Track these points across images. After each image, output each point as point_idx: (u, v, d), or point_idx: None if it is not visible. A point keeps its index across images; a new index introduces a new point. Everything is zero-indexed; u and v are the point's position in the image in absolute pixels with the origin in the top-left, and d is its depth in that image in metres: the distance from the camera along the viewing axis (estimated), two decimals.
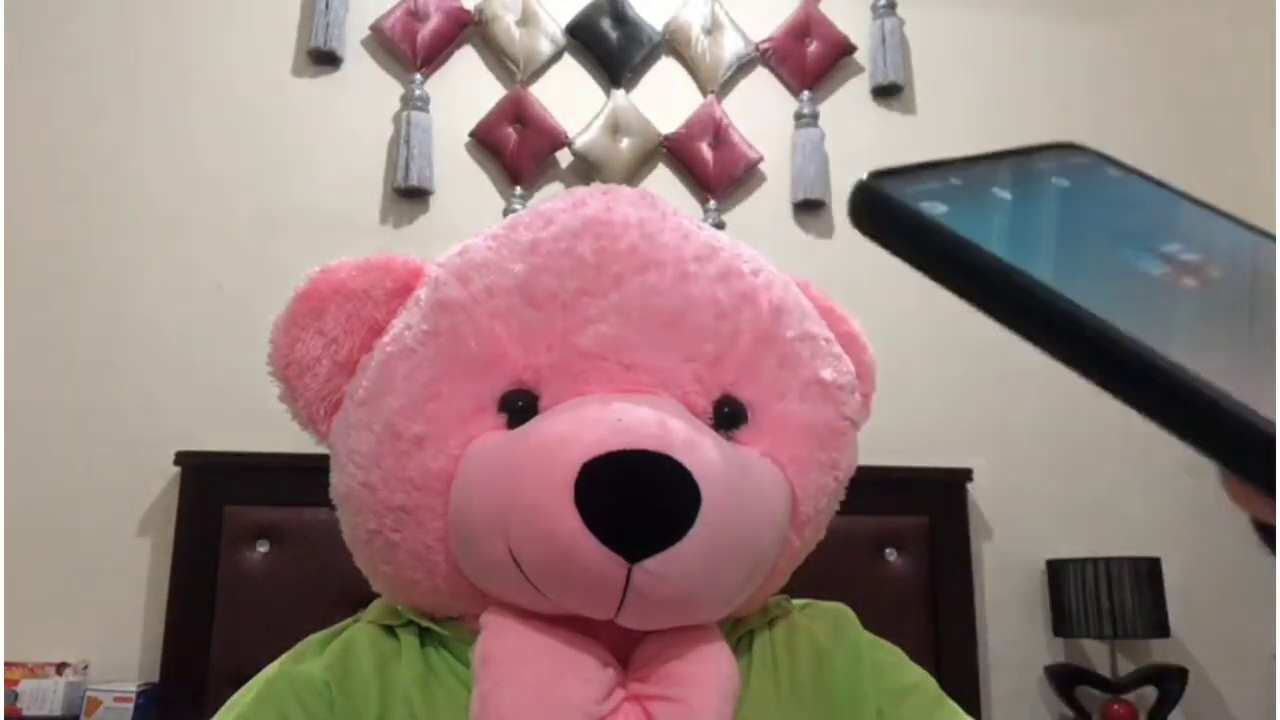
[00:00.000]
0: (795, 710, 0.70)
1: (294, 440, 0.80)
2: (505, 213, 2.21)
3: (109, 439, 2.07)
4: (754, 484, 0.66)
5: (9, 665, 1.87)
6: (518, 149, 2.28)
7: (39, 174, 2.17)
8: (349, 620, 0.74)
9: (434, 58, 2.31)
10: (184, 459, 2.00)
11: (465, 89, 2.33)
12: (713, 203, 2.33)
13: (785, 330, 0.72)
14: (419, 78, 2.29)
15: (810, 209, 2.36)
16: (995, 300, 0.24)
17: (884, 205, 0.26)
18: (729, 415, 0.69)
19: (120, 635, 1.99)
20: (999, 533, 2.28)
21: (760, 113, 2.40)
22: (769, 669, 0.72)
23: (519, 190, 2.28)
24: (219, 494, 1.98)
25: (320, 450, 0.75)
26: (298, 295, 0.73)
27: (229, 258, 2.18)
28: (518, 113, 2.30)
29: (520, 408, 0.67)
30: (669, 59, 2.43)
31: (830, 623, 0.76)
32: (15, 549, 1.98)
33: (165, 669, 1.90)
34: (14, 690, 1.85)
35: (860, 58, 2.46)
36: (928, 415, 2.22)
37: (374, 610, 0.74)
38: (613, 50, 2.37)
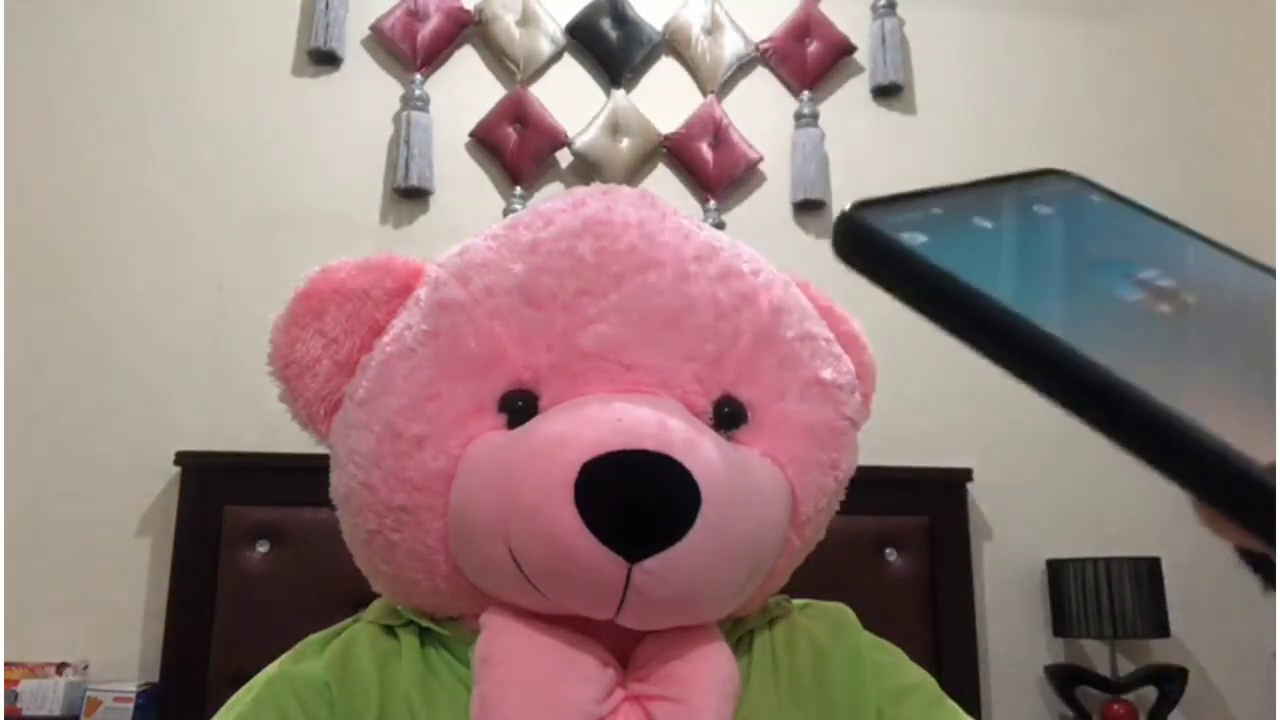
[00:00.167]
0: (795, 710, 0.70)
1: (294, 440, 0.80)
2: (505, 213, 2.21)
3: (109, 439, 2.07)
4: (754, 484, 0.66)
5: (9, 665, 1.87)
6: (518, 149, 2.28)
7: (39, 174, 2.17)
8: (349, 620, 0.74)
9: (434, 58, 2.31)
10: (184, 459, 2.00)
11: (465, 89, 2.33)
12: (713, 203, 2.33)
13: (785, 330, 0.72)
14: (419, 78, 2.29)
15: (810, 209, 2.36)
16: (969, 329, 0.25)
17: (865, 236, 0.26)
18: (729, 415, 0.69)
19: (120, 635, 1.99)
20: (999, 533, 2.28)
21: (760, 113, 2.40)
22: (769, 669, 0.72)
23: (519, 190, 2.27)
24: (219, 494, 1.98)
25: (320, 450, 0.75)
26: (298, 295, 0.73)
27: (229, 258, 2.18)
28: (518, 113, 2.30)
29: (520, 408, 0.67)
30: (669, 59, 2.43)
31: (830, 623, 0.76)
32: (15, 549, 1.98)
33: (165, 669, 1.90)
34: (14, 690, 1.85)
35: (860, 58, 2.46)
36: (928, 415, 2.22)
37: (374, 610, 0.74)
38: (613, 50, 2.37)
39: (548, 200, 0.76)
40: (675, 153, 2.35)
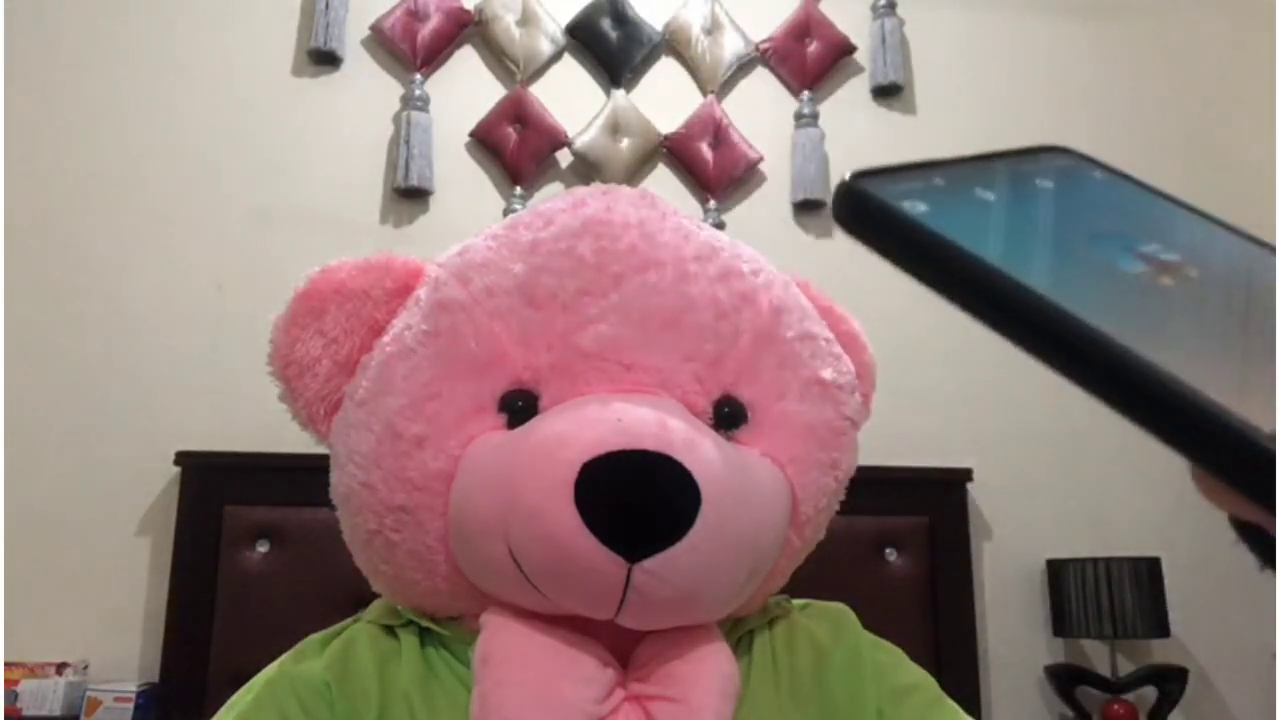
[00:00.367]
0: (795, 710, 0.70)
1: (294, 440, 0.80)
2: (505, 213, 2.21)
3: (109, 439, 2.07)
4: (754, 484, 0.66)
5: (9, 665, 1.87)
6: (518, 149, 2.28)
7: (39, 174, 2.17)
8: (349, 620, 0.74)
9: (434, 58, 2.31)
10: (184, 459, 2.00)
11: (465, 89, 2.33)
12: (713, 203, 2.33)
13: (785, 330, 0.72)
14: (419, 78, 2.29)
15: (810, 209, 2.36)
16: (970, 296, 0.25)
17: (865, 204, 0.26)
18: (729, 415, 0.69)
19: (120, 635, 1.99)
20: (999, 533, 2.28)
21: (760, 113, 2.40)
22: (769, 669, 0.72)
23: (519, 190, 2.27)
24: (219, 494, 1.98)
25: (320, 450, 0.75)
26: (298, 295, 0.73)
27: (229, 258, 2.18)
28: (518, 113, 2.30)
29: (520, 408, 0.67)
30: (669, 59, 2.43)
31: (830, 623, 0.76)
32: (15, 549, 1.98)
33: (165, 669, 1.90)
34: (14, 690, 1.85)
35: (860, 58, 2.46)
36: (928, 415, 2.22)
37: (374, 610, 0.74)
38: (613, 50, 2.37)
39: (548, 200, 0.76)
40: (675, 153, 2.35)
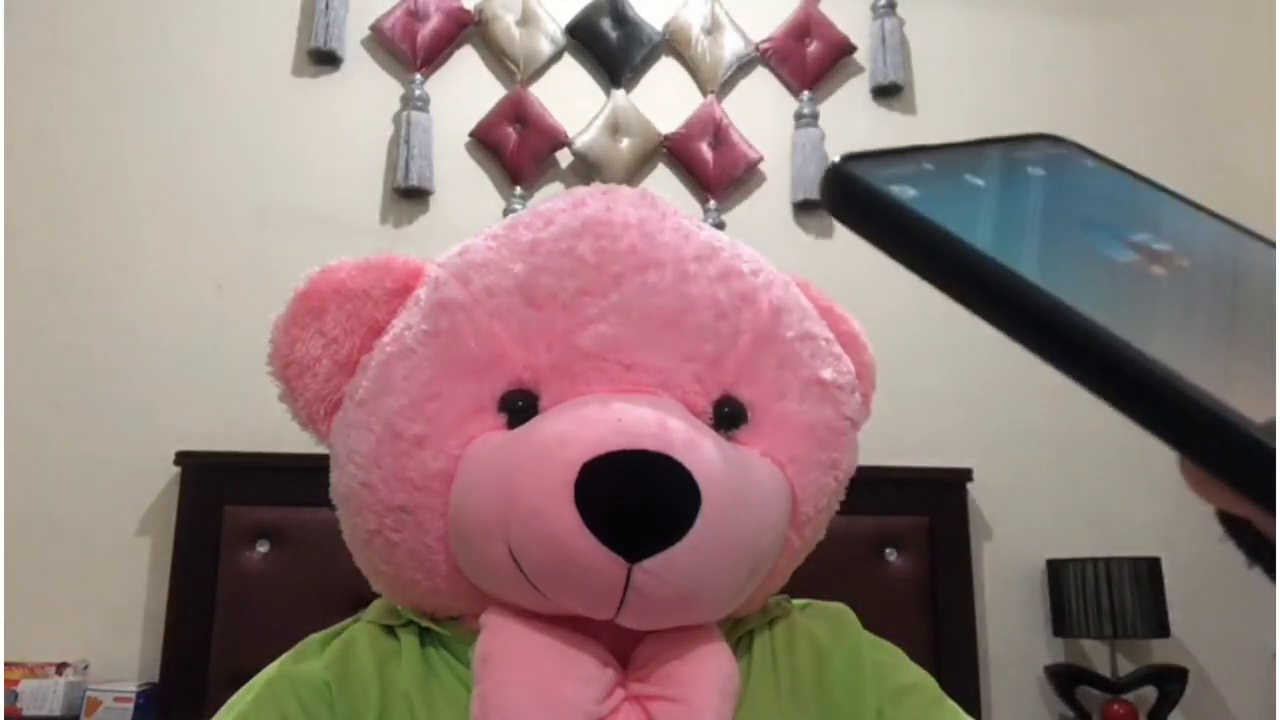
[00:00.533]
0: (795, 710, 0.70)
1: (294, 440, 0.80)
2: (505, 213, 2.21)
3: (109, 439, 2.07)
4: (754, 484, 0.66)
5: (9, 665, 1.87)
6: (518, 149, 2.28)
7: (39, 174, 2.17)
8: (349, 620, 0.74)
9: (434, 58, 2.31)
10: (184, 459, 2.00)
11: (465, 89, 2.33)
12: (713, 203, 2.33)
13: (785, 330, 0.72)
14: (419, 78, 2.29)
15: (810, 209, 2.36)
16: (955, 281, 0.24)
17: (853, 187, 0.26)
18: (729, 415, 0.69)
19: (120, 635, 1.99)
20: (999, 533, 2.28)
21: (760, 113, 2.40)
22: (769, 669, 0.72)
23: (519, 190, 2.28)
24: (219, 494, 1.98)
25: (320, 450, 0.75)
26: (298, 295, 0.73)
27: (229, 258, 2.18)
28: (518, 113, 2.30)
29: (520, 408, 0.67)
30: (669, 59, 2.43)
31: (830, 623, 0.76)
32: (15, 549, 1.98)
33: (165, 669, 1.90)
34: (14, 690, 1.85)
35: (860, 58, 2.46)
36: (928, 415, 2.22)
37: (374, 610, 0.74)
38: (613, 50, 2.37)
39: (548, 200, 0.76)
40: (675, 153, 2.35)
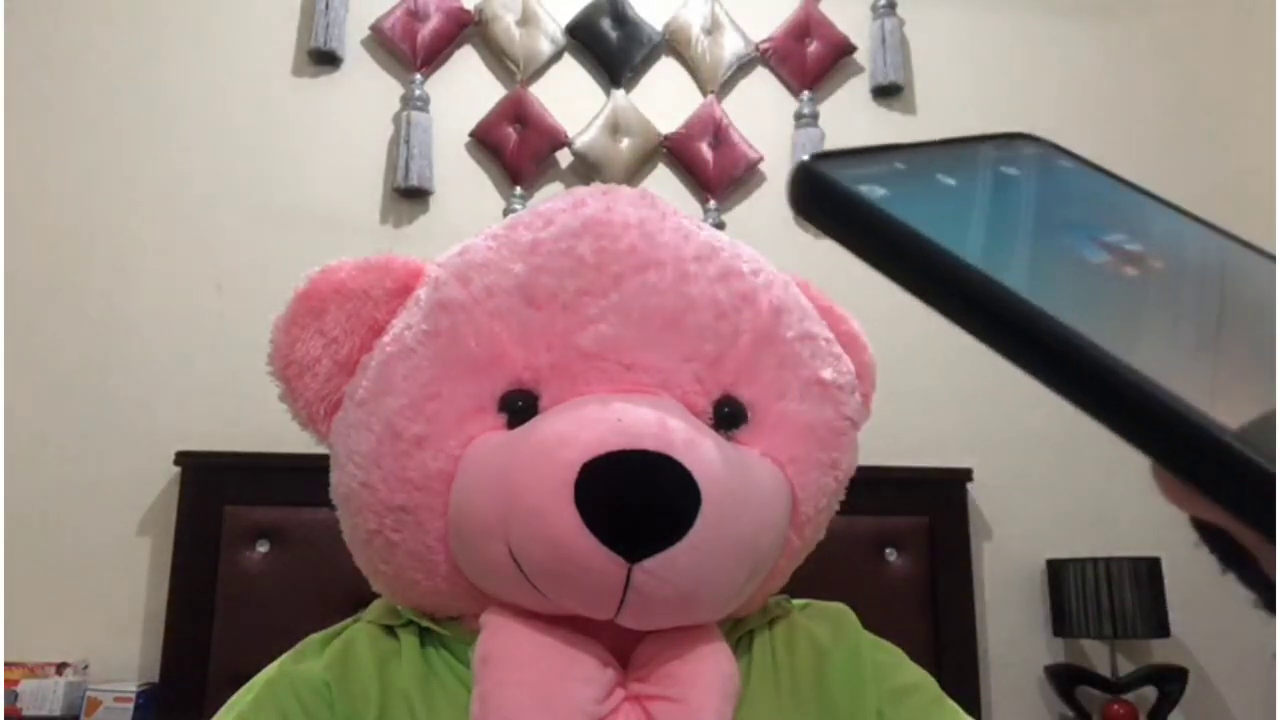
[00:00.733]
0: (795, 710, 0.70)
1: (294, 440, 0.80)
2: (505, 213, 2.21)
3: (109, 439, 2.07)
4: (754, 484, 0.66)
5: (9, 665, 1.87)
6: (518, 149, 2.28)
7: (39, 173, 2.17)
8: (349, 620, 0.74)
9: (434, 58, 2.31)
10: (184, 459, 2.00)
11: (465, 89, 2.33)
12: (713, 203, 2.33)
13: (785, 330, 0.72)
14: (419, 78, 2.29)
15: None
16: (920, 281, 0.24)
17: (821, 187, 0.25)
18: (729, 415, 0.69)
19: (120, 635, 1.99)
20: (999, 533, 2.28)
21: (760, 113, 2.40)
22: (769, 669, 0.72)
23: (519, 190, 2.28)
24: (219, 494, 1.98)
25: (320, 450, 0.75)
26: (298, 295, 0.73)
27: (229, 258, 2.18)
28: (518, 113, 2.30)
29: (520, 408, 0.67)
30: (669, 59, 2.43)
31: (830, 623, 0.76)
32: (15, 549, 1.98)
33: (165, 669, 1.90)
34: (14, 690, 1.85)
35: (860, 58, 2.46)
36: (928, 415, 2.22)
37: (374, 610, 0.74)
38: (613, 50, 2.37)
39: (548, 200, 0.76)
40: (675, 153, 2.35)
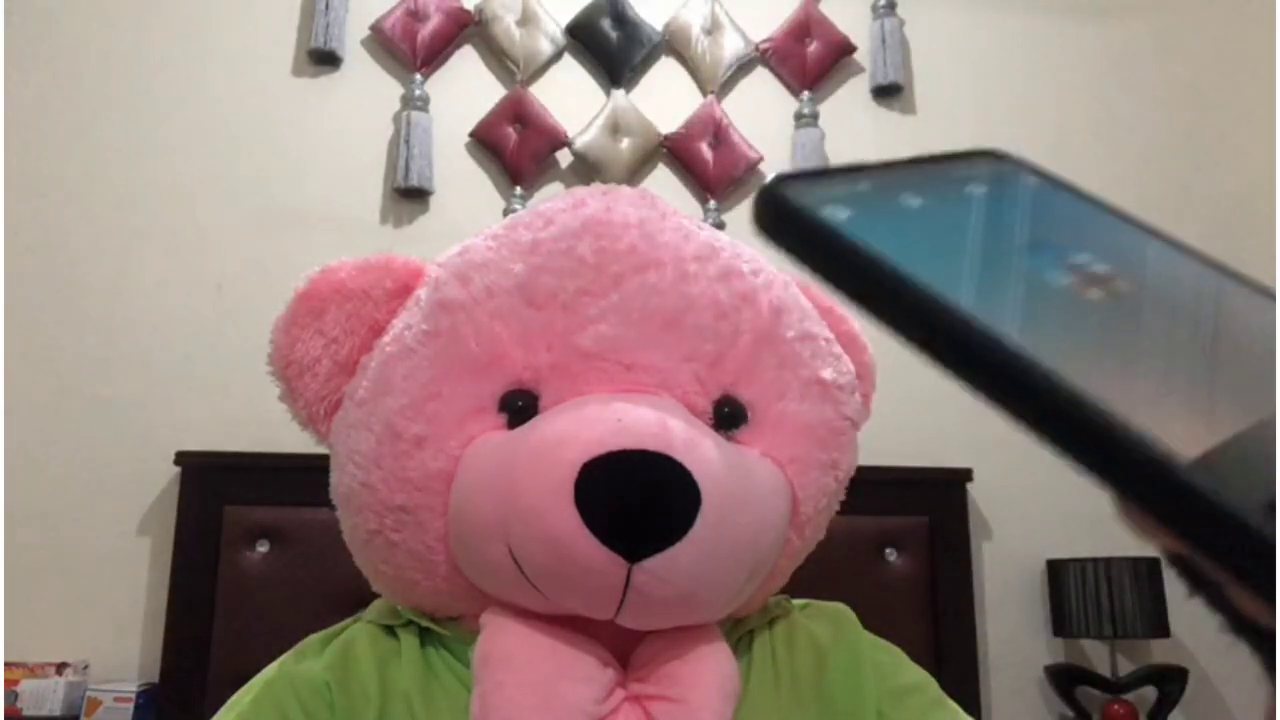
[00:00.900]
0: (795, 710, 0.70)
1: (294, 440, 0.80)
2: (505, 213, 2.20)
3: (109, 439, 2.07)
4: (754, 484, 0.66)
5: (9, 665, 1.87)
6: (518, 149, 2.28)
7: (39, 173, 2.17)
8: (349, 620, 0.74)
9: (434, 58, 2.31)
10: (184, 459, 2.00)
11: (465, 89, 2.33)
12: (713, 203, 2.33)
13: (785, 330, 0.72)
14: (419, 78, 2.29)
15: None
16: (880, 306, 0.23)
17: (783, 209, 0.25)
18: (729, 415, 0.69)
19: (120, 635, 1.99)
20: (999, 533, 2.28)
21: (760, 113, 2.40)
22: (769, 669, 0.72)
23: (519, 190, 2.27)
24: (219, 494, 1.97)
25: (320, 450, 0.75)
26: (298, 295, 0.73)
27: (229, 258, 2.18)
28: (518, 113, 2.30)
29: (520, 408, 0.67)
30: (669, 59, 2.43)
31: (830, 623, 0.76)
32: (15, 549, 1.98)
33: (165, 669, 1.90)
34: (14, 690, 1.85)
35: (860, 58, 2.46)
36: (928, 415, 2.21)
37: (374, 610, 0.74)
38: (613, 50, 2.37)
39: (548, 200, 0.76)
40: (675, 153, 2.35)
